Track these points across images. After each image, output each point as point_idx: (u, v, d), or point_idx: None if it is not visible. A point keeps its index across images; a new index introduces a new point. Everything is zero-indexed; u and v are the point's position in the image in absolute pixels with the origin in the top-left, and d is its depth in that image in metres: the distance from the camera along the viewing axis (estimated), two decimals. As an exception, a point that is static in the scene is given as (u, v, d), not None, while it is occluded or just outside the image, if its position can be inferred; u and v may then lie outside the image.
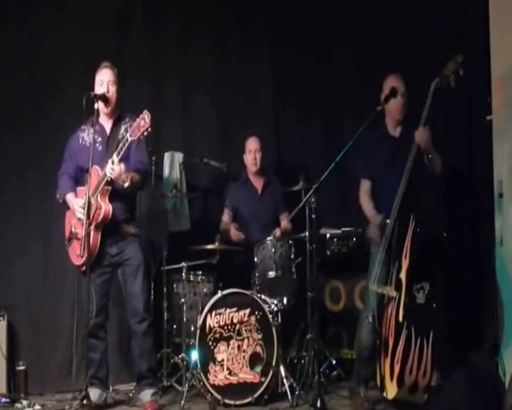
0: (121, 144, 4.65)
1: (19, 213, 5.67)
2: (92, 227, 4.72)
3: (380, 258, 4.60)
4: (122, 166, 4.65)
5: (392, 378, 4.47)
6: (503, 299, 4.84)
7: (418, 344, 4.41)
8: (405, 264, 4.49)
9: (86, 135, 4.96)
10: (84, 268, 4.72)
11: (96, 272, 4.83)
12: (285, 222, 5.68)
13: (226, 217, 5.80)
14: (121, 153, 4.64)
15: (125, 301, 4.96)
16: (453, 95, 5.50)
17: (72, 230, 4.90)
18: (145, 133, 4.56)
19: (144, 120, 4.54)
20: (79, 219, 4.79)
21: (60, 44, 5.73)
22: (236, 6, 6.16)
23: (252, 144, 5.76)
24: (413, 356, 4.41)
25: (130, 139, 4.61)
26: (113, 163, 4.61)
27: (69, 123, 5.28)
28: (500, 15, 4.86)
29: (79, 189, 4.93)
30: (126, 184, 4.70)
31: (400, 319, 4.47)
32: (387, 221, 4.64)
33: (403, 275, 4.49)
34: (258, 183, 5.84)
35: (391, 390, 4.49)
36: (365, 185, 5.00)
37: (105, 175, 4.67)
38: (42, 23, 5.71)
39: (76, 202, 4.85)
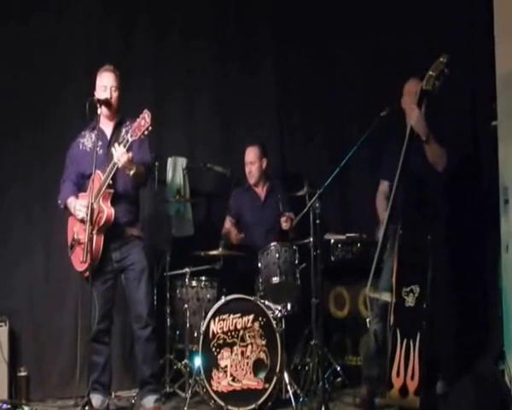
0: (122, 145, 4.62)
1: (21, 218, 5.64)
2: (94, 231, 4.67)
3: (375, 263, 4.56)
4: (130, 154, 4.60)
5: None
6: (508, 305, 4.83)
7: (404, 346, 4.39)
8: (395, 268, 4.48)
9: (86, 140, 4.93)
10: (87, 274, 4.67)
11: (100, 278, 4.79)
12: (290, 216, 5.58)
13: (228, 223, 5.78)
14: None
15: (129, 306, 4.92)
16: (458, 100, 5.52)
17: (75, 236, 4.85)
18: (146, 132, 4.51)
19: (144, 119, 4.50)
20: (82, 224, 4.74)
21: (63, 49, 5.72)
22: (241, 12, 6.15)
23: (247, 156, 5.72)
24: (399, 358, 4.39)
25: (130, 140, 4.57)
26: (121, 151, 4.56)
27: (72, 128, 5.26)
28: (505, 18, 4.86)
29: (81, 194, 4.88)
30: (132, 172, 4.65)
31: (391, 322, 4.46)
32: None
33: (394, 279, 4.48)
34: (260, 190, 5.80)
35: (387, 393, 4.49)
36: (382, 187, 4.99)
37: (109, 175, 4.62)
38: (45, 27, 5.70)
39: (78, 202, 4.80)
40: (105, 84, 4.87)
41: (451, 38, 5.52)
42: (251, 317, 4.98)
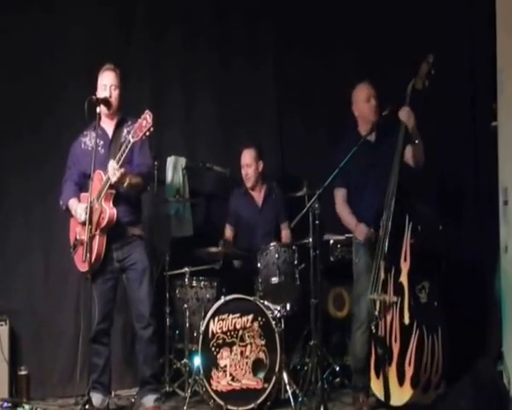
0: (123, 147, 4.62)
1: (21, 218, 5.65)
2: (97, 232, 4.69)
3: (375, 266, 4.58)
4: (122, 170, 4.62)
5: (401, 383, 4.43)
6: (507, 305, 4.83)
7: (430, 342, 4.42)
8: (405, 267, 4.49)
9: (88, 140, 4.94)
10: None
11: (101, 278, 4.81)
12: (285, 233, 5.67)
13: (228, 232, 5.75)
14: (123, 155, 4.61)
15: (131, 306, 4.93)
16: (458, 100, 5.52)
17: (77, 237, 4.86)
18: (147, 133, 4.53)
19: (146, 120, 4.51)
20: (84, 225, 4.73)
21: (62, 48, 5.73)
22: (241, 12, 6.14)
23: (243, 159, 5.69)
24: (427, 354, 4.41)
25: (132, 141, 4.58)
26: (114, 167, 4.59)
27: (71, 128, 5.28)
28: (507, 17, 4.84)
29: (83, 195, 4.89)
30: (125, 185, 4.67)
31: (406, 321, 4.45)
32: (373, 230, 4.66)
33: (403, 278, 4.49)
34: (258, 194, 5.77)
35: (402, 395, 4.44)
36: (341, 193, 4.98)
37: (108, 179, 4.65)
38: (43, 27, 5.69)
39: (79, 206, 4.82)
40: (105, 83, 4.89)
41: (452, 38, 5.53)
42: (250, 317, 4.99)
